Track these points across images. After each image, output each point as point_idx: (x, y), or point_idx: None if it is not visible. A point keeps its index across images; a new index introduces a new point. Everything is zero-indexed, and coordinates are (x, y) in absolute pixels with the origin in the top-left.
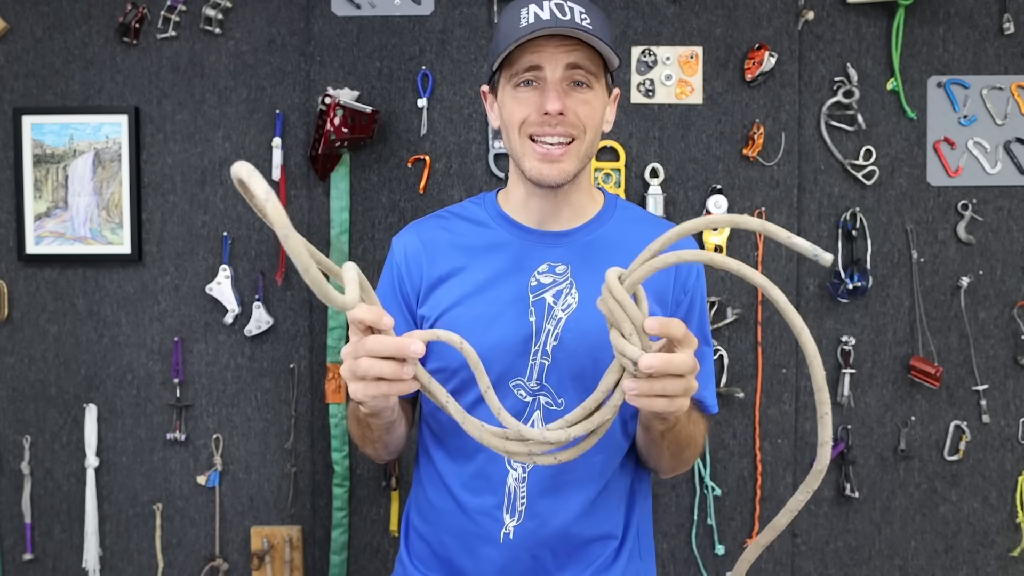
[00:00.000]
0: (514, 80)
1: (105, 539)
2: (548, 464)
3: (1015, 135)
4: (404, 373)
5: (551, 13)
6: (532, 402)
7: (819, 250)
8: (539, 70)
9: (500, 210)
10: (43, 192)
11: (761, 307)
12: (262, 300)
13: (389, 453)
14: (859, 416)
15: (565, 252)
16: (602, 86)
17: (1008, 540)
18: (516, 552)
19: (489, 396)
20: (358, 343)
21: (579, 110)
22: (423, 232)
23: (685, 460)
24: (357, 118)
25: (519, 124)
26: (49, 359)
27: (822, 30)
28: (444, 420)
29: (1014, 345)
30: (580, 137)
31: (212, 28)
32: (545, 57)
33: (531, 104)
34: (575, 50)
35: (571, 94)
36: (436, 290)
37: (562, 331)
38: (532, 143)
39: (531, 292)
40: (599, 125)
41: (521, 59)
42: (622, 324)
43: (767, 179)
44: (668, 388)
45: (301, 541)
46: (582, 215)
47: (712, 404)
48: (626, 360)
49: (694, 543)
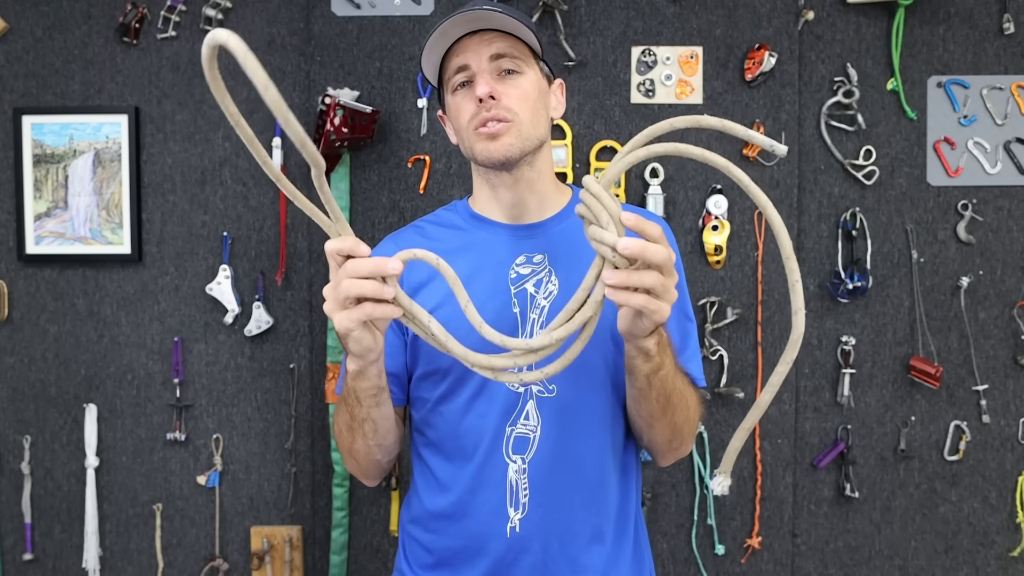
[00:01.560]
0: (450, 86)
1: (105, 539)
2: (536, 380)
3: (1015, 135)
4: (386, 292)
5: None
6: (525, 391)
7: (775, 143)
8: (467, 69)
9: (472, 211)
10: (43, 192)
11: (761, 307)
12: (262, 300)
13: (379, 446)
14: (859, 416)
15: (540, 242)
16: (534, 71)
17: (1008, 540)
18: (525, 544)
19: (470, 311)
20: (338, 272)
21: (510, 93)
22: (401, 242)
23: (678, 428)
24: (357, 118)
25: (466, 123)
26: (49, 359)
27: (822, 30)
28: (439, 427)
29: (1014, 345)
30: (515, 119)
31: (212, 28)
32: (469, 55)
33: (469, 99)
34: (495, 40)
35: (502, 81)
36: (418, 294)
37: (547, 319)
38: (476, 130)
39: (512, 284)
40: (535, 107)
41: (449, 65)
42: (599, 215)
43: (767, 179)
44: (646, 280)
45: (301, 541)
46: (551, 206)
47: (699, 376)
48: (604, 247)
49: (694, 543)
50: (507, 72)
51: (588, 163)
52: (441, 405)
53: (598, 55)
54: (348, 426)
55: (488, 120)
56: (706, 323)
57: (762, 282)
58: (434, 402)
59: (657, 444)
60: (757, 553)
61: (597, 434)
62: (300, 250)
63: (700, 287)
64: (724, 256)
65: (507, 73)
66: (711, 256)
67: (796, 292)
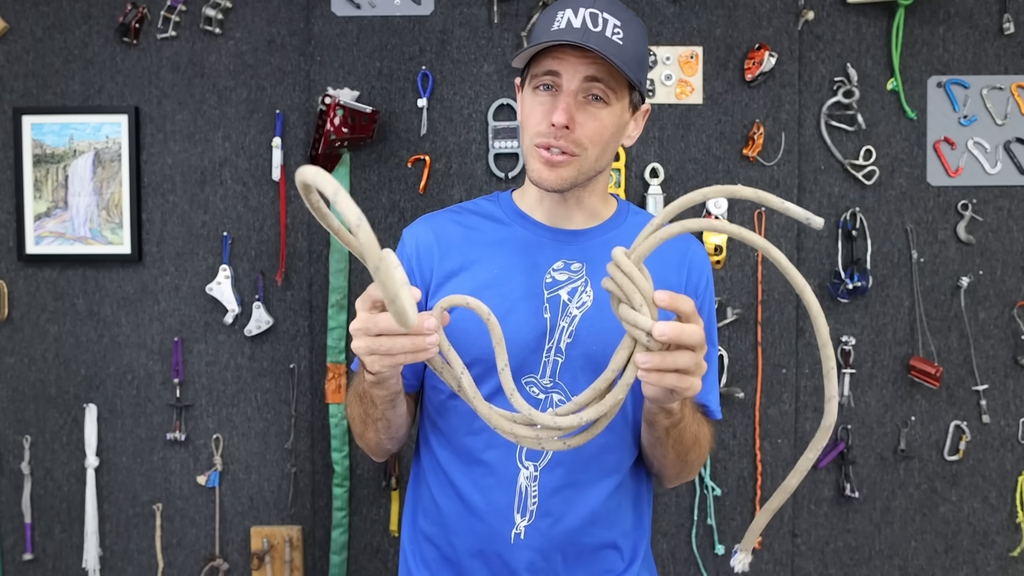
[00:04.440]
0: (534, 82)
1: (105, 539)
2: (557, 449)
3: (1015, 135)
4: (427, 346)
5: (583, 22)
6: (545, 399)
7: (811, 215)
8: (557, 76)
9: (516, 207)
10: (43, 192)
11: (761, 307)
12: (262, 300)
13: (391, 439)
14: (859, 416)
15: (580, 250)
16: (622, 103)
17: (1008, 540)
18: (527, 553)
19: (505, 376)
20: (369, 319)
21: (587, 125)
22: (436, 225)
23: (690, 464)
24: (357, 118)
25: (532, 132)
26: (49, 359)
27: (822, 30)
28: (452, 419)
29: (1014, 345)
30: (582, 155)
31: (212, 28)
32: (566, 65)
33: (544, 110)
34: (597, 62)
35: (585, 107)
36: (447, 283)
37: (576, 329)
38: (538, 148)
39: (546, 288)
40: (607, 142)
41: (543, 62)
42: (632, 296)
43: (767, 179)
44: (680, 361)
45: (301, 541)
46: (596, 217)
47: (716, 409)
48: (638, 331)
49: (694, 543)
50: (593, 98)
51: None
52: (456, 399)
53: None
54: (362, 419)
55: (552, 145)
56: None
57: (762, 282)
58: (449, 394)
59: (666, 475)
60: (757, 553)
61: (613, 452)
62: (300, 250)
63: None
64: (724, 256)
65: (593, 99)
66: (711, 256)
67: (830, 380)
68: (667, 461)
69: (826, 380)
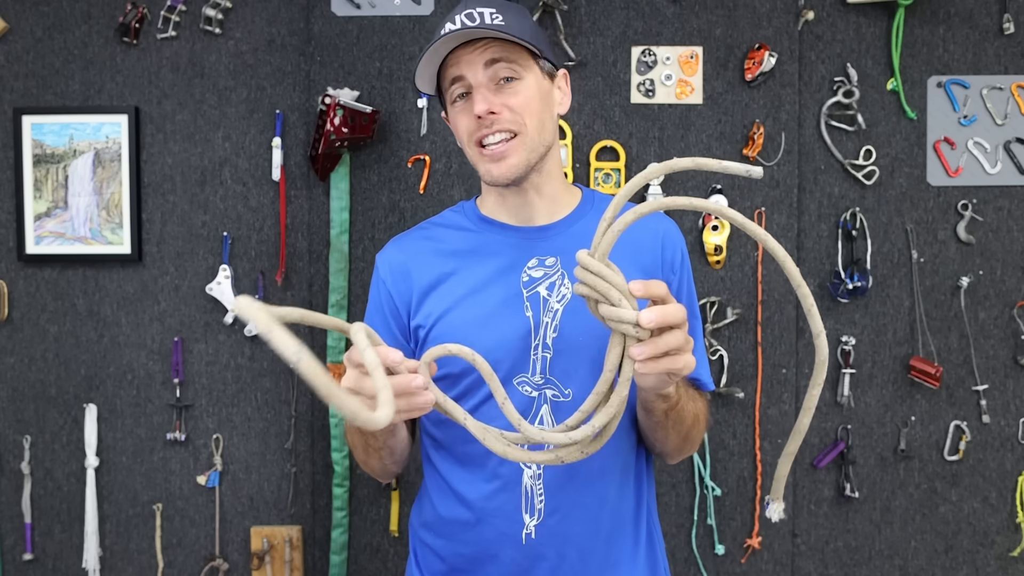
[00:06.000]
0: (450, 97)
1: (105, 539)
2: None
3: (1015, 135)
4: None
5: (461, 23)
6: (538, 396)
7: (751, 167)
8: (463, 79)
9: (480, 214)
10: (43, 192)
11: (761, 307)
12: (262, 300)
13: (395, 462)
14: (859, 416)
15: (552, 244)
16: (534, 72)
17: (1008, 540)
18: (540, 551)
19: (507, 408)
20: (359, 380)
21: (510, 103)
22: (406, 245)
23: (692, 440)
24: (357, 118)
25: (467, 136)
26: (49, 359)
27: (822, 30)
28: (451, 427)
29: (1014, 345)
30: (522, 130)
31: (212, 28)
32: (464, 64)
33: (468, 113)
34: (489, 47)
35: (500, 91)
36: (428, 298)
37: (560, 322)
38: (481, 148)
39: (524, 287)
40: (540, 111)
41: (445, 76)
42: (608, 294)
43: (767, 179)
44: (671, 342)
45: (301, 541)
46: (561, 208)
47: (707, 381)
48: (624, 325)
49: (694, 543)
50: (505, 80)
51: (588, 163)
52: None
53: (598, 55)
54: (363, 448)
55: (489, 135)
56: (706, 323)
57: (762, 282)
58: None
59: (667, 453)
60: (757, 553)
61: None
62: (300, 250)
63: (700, 287)
64: (724, 256)
65: (505, 81)
66: (711, 256)
67: (813, 316)
68: (668, 443)
69: (809, 318)
